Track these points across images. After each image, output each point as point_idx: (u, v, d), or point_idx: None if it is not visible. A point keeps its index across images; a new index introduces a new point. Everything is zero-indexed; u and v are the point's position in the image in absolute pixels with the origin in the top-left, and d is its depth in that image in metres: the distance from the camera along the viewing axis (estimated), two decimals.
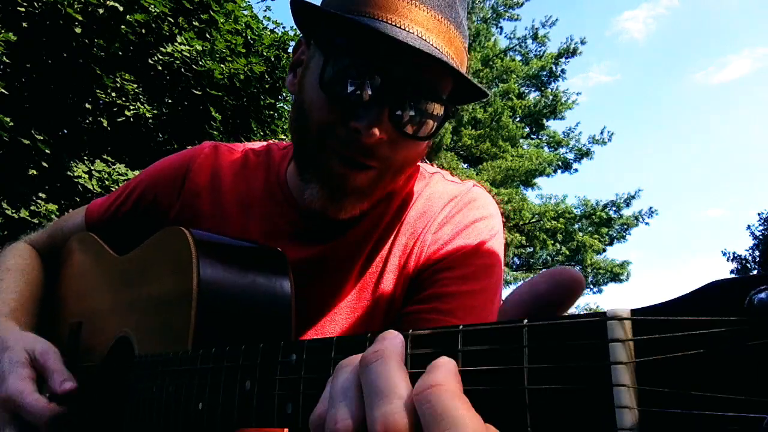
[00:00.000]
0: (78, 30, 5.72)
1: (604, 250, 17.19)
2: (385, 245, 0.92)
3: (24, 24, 5.59)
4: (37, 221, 5.64)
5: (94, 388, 0.91)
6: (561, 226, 16.22)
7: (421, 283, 0.89)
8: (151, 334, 0.81)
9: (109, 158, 6.60)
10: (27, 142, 5.68)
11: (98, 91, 6.33)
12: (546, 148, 17.75)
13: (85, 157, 6.43)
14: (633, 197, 16.67)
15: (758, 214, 18.61)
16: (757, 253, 18.67)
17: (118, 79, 6.46)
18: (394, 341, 0.39)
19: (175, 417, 0.66)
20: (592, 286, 17.49)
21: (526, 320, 0.33)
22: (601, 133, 17.26)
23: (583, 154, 17.39)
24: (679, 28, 44.18)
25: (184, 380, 0.65)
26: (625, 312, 0.28)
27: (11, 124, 5.39)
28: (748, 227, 18.88)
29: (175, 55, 6.73)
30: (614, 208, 16.78)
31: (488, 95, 0.89)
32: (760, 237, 18.56)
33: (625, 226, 16.96)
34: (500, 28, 18.09)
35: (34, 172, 5.91)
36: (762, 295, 0.23)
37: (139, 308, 0.87)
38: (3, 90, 5.31)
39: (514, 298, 0.38)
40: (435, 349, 0.38)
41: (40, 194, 5.96)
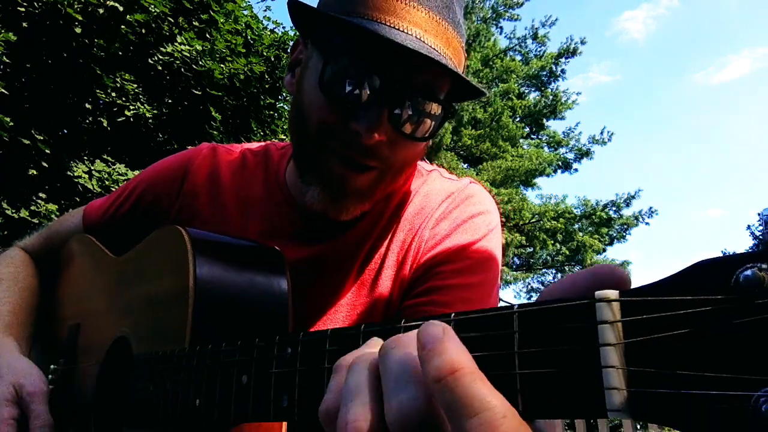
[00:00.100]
0: (78, 30, 5.73)
1: (604, 250, 17.19)
2: (383, 243, 0.92)
3: (24, 24, 5.59)
4: (37, 221, 5.64)
5: (93, 389, 0.91)
6: (561, 226, 16.22)
7: (419, 277, 0.89)
8: (149, 334, 0.81)
9: (109, 158, 6.60)
10: (27, 142, 5.68)
11: (98, 91, 6.34)
12: (546, 148, 17.76)
13: (85, 157, 6.44)
14: (633, 197, 16.67)
15: (758, 214, 18.62)
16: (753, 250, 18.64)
17: (118, 79, 6.46)
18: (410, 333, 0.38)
19: (173, 414, 0.66)
20: None
21: (516, 306, 0.33)
22: (601, 133, 17.27)
23: (583, 154, 17.39)
24: (679, 28, 44.22)
25: (181, 377, 0.66)
26: (614, 294, 0.28)
27: (11, 124, 5.40)
28: (748, 227, 18.89)
29: (175, 55, 6.74)
30: (614, 208, 16.77)
31: (485, 94, 0.90)
32: (760, 237, 18.56)
33: (625, 226, 16.95)
34: (500, 28, 18.10)
35: (34, 172, 5.92)
36: (748, 273, 0.23)
37: (137, 308, 0.87)
38: (3, 90, 5.32)
39: (555, 291, 0.36)
40: None
41: (40, 194, 5.96)
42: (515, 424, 0.29)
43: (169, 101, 6.99)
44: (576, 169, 17.42)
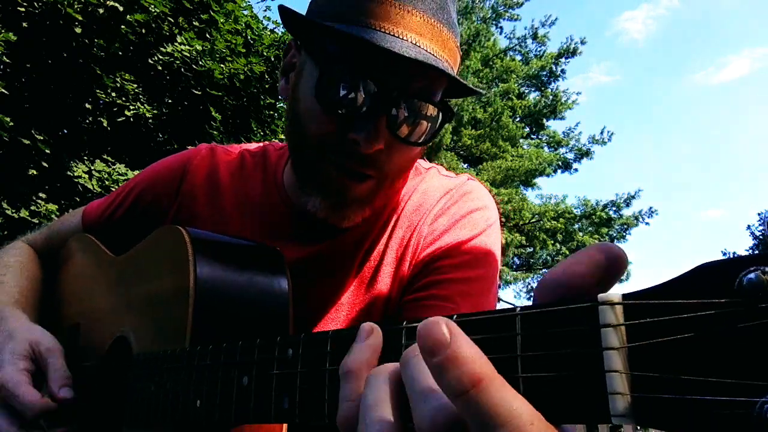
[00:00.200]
0: (78, 30, 5.72)
1: None
2: (381, 240, 0.93)
3: (24, 24, 5.59)
4: (37, 221, 5.64)
5: (93, 389, 0.91)
6: (561, 226, 16.21)
7: (418, 273, 0.89)
8: (149, 333, 0.81)
9: (109, 158, 6.59)
10: (27, 142, 5.68)
11: (98, 91, 6.33)
12: (546, 148, 17.75)
13: (85, 157, 6.43)
14: (633, 197, 16.66)
15: (758, 214, 18.62)
16: (756, 253, 18.66)
17: (118, 79, 6.45)
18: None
19: (173, 414, 0.66)
20: None
21: (519, 308, 0.32)
22: (601, 133, 17.26)
23: (583, 154, 17.38)
24: (678, 28, 44.18)
25: (181, 378, 0.66)
26: (617, 296, 0.28)
27: (11, 124, 5.39)
28: (748, 227, 18.89)
29: (175, 55, 6.73)
30: (614, 208, 16.77)
31: (480, 93, 0.90)
32: (760, 237, 18.56)
33: (625, 226, 16.94)
34: (500, 28, 18.09)
35: (34, 172, 5.91)
36: (751, 276, 0.23)
37: (137, 307, 0.87)
38: (3, 90, 5.31)
39: (547, 283, 0.35)
40: None
41: (40, 194, 5.96)
42: (543, 429, 0.28)
43: (169, 101, 6.98)
44: (576, 169, 17.42)
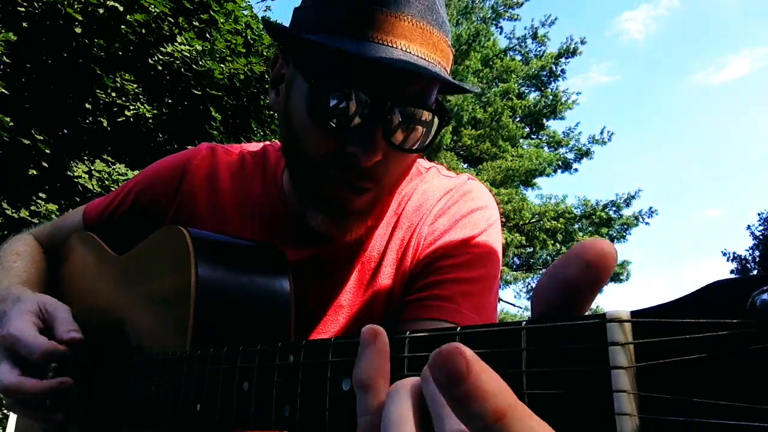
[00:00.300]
0: (78, 30, 5.72)
1: None
2: (381, 241, 0.92)
3: (24, 24, 5.59)
4: (37, 221, 5.64)
5: (93, 387, 0.91)
6: (561, 226, 16.22)
7: (419, 273, 0.88)
8: (150, 333, 0.80)
9: (109, 158, 6.59)
10: (27, 142, 5.68)
11: (98, 91, 6.33)
12: (546, 148, 17.76)
13: (85, 157, 6.43)
14: (633, 197, 16.68)
15: (758, 214, 18.61)
16: (757, 253, 18.67)
17: (118, 79, 6.45)
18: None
19: (174, 417, 0.65)
20: None
21: (524, 322, 0.32)
22: (601, 133, 17.27)
23: (583, 154, 17.39)
24: (678, 28, 44.23)
25: (182, 381, 0.65)
26: (625, 314, 0.27)
27: (11, 124, 5.39)
28: (748, 227, 18.88)
29: (175, 55, 6.73)
30: (614, 208, 16.78)
31: (475, 91, 0.89)
32: (760, 237, 18.56)
33: (625, 226, 16.95)
34: (500, 28, 18.10)
35: (34, 172, 5.91)
36: (764, 296, 0.22)
37: (138, 307, 0.87)
38: (3, 90, 5.31)
39: (541, 291, 0.34)
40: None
41: (40, 194, 5.96)
42: None
43: (169, 101, 6.98)
44: (576, 169, 17.45)
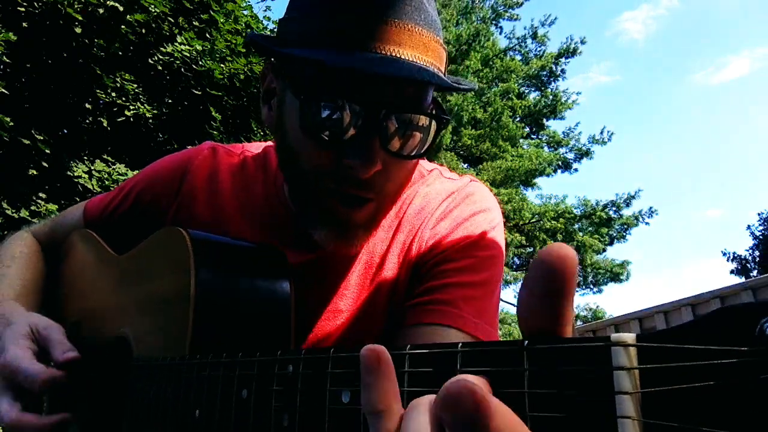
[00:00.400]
0: (78, 30, 5.72)
1: (604, 250, 17.20)
2: (383, 245, 0.92)
3: (24, 24, 5.59)
4: (37, 221, 5.63)
5: (93, 388, 0.91)
6: (561, 226, 16.23)
7: (421, 277, 0.88)
8: (149, 335, 0.80)
9: (109, 158, 6.59)
10: (27, 142, 5.68)
11: (98, 91, 6.33)
12: (546, 148, 17.76)
13: (85, 157, 6.43)
14: (633, 197, 16.68)
15: (758, 214, 18.63)
16: (757, 253, 18.68)
17: (118, 79, 6.45)
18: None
19: (173, 423, 0.65)
20: (592, 286, 17.50)
21: (526, 342, 0.31)
22: (601, 133, 17.28)
23: (583, 154, 17.40)
24: (678, 28, 44.20)
25: (181, 386, 0.65)
26: (630, 338, 0.27)
27: (11, 124, 5.39)
28: (748, 227, 18.90)
29: (175, 55, 6.73)
30: (614, 208, 16.79)
31: (470, 89, 0.88)
32: (760, 237, 18.57)
33: (625, 226, 16.96)
34: (500, 28, 18.10)
35: (34, 172, 5.91)
36: None
37: (138, 308, 0.86)
38: (3, 90, 5.31)
39: (521, 309, 0.34)
40: (434, 368, 0.37)
41: (40, 194, 5.96)
42: None
43: (169, 101, 6.98)
44: (576, 169, 17.46)
